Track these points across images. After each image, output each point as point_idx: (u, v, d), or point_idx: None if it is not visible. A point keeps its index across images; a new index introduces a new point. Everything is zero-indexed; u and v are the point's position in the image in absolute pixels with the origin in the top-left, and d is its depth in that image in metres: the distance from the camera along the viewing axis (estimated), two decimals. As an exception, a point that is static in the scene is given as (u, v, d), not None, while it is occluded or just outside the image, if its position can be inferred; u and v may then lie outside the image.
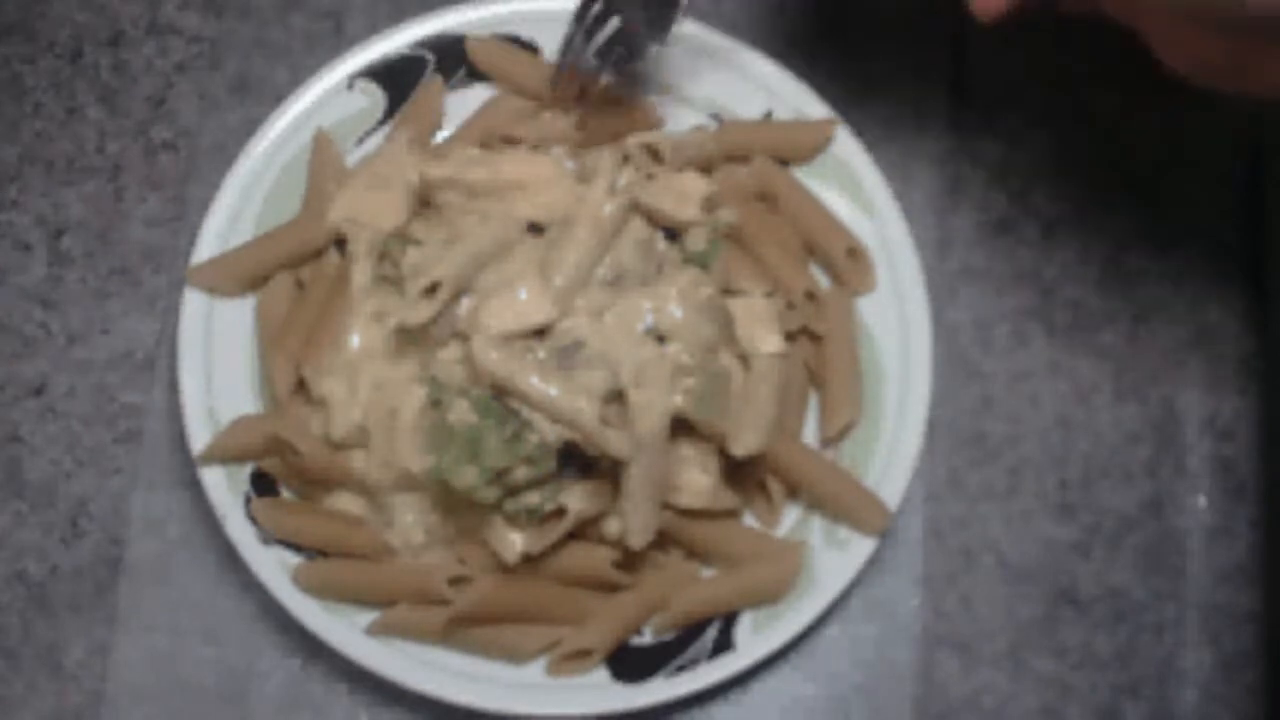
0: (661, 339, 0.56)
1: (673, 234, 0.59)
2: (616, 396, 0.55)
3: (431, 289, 0.56)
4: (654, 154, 0.60)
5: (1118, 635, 0.62)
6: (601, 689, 0.57)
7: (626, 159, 0.60)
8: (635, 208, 0.58)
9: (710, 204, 0.59)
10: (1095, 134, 0.66)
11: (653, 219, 0.59)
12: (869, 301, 0.61)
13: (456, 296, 0.57)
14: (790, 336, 0.59)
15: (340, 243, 0.61)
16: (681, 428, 0.56)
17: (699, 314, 0.57)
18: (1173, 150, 0.66)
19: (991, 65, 0.67)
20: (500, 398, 0.54)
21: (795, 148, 0.62)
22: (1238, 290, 0.65)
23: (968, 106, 0.67)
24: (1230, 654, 0.61)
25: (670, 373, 0.55)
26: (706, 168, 0.61)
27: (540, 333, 0.56)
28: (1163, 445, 0.63)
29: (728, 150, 0.62)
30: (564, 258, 0.56)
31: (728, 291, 0.59)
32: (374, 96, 0.63)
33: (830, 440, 0.60)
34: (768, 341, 0.58)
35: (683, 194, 0.59)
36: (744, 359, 0.58)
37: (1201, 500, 0.63)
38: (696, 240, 0.59)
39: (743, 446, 0.56)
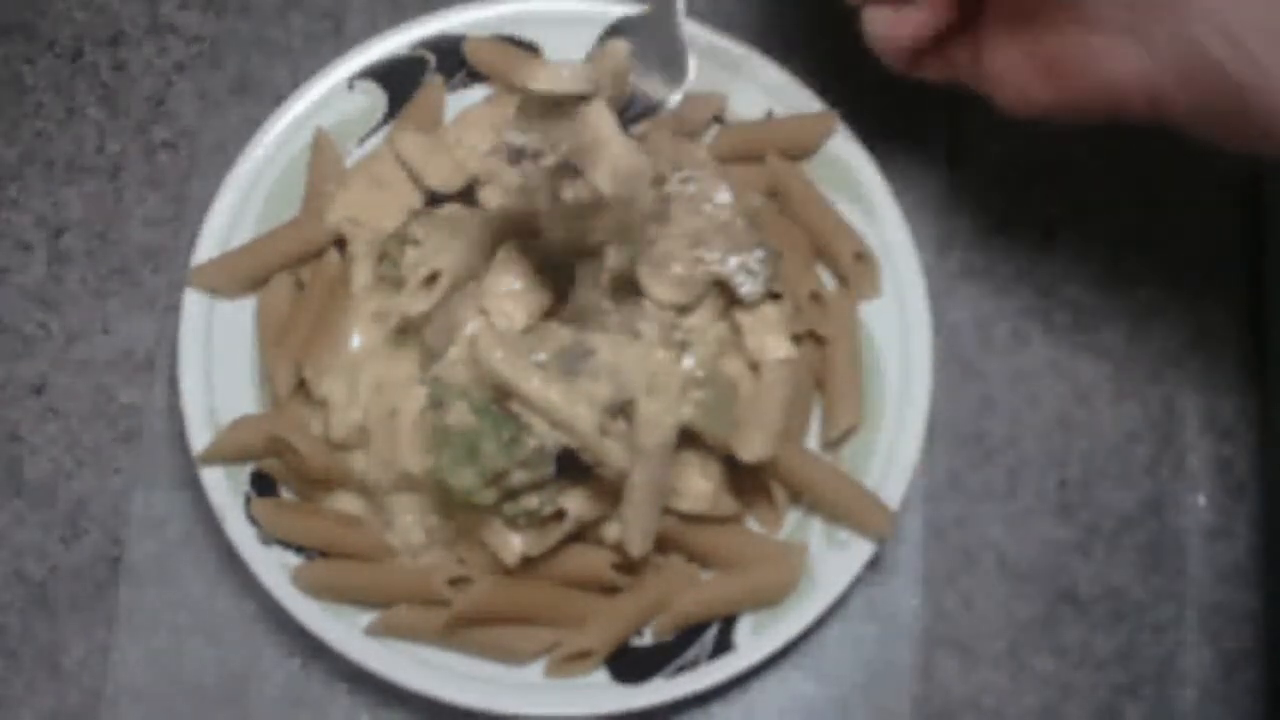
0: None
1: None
2: (619, 409, 0.55)
3: (431, 279, 0.56)
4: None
5: (1118, 635, 0.62)
6: (601, 690, 0.57)
7: None
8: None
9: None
10: (1095, 134, 0.66)
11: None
12: (869, 302, 0.61)
13: (456, 288, 0.57)
14: (795, 340, 0.59)
15: (340, 243, 0.61)
16: (685, 435, 0.56)
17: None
18: (1173, 151, 0.66)
19: (992, 65, 0.67)
20: (500, 400, 0.54)
21: (797, 144, 0.62)
22: (1238, 290, 0.65)
23: (968, 106, 0.66)
24: (1230, 654, 0.61)
25: (681, 384, 0.55)
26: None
27: (551, 335, 0.56)
28: (1163, 445, 0.63)
29: (730, 151, 0.62)
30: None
31: (735, 301, 0.59)
32: (374, 97, 0.63)
33: (832, 444, 0.60)
34: (777, 348, 0.58)
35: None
36: (753, 366, 0.58)
37: (1201, 500, 0.63)
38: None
39: (752, 452, 0.56)
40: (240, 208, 0.61)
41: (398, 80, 0.63)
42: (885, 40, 0.54)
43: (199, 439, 0.58)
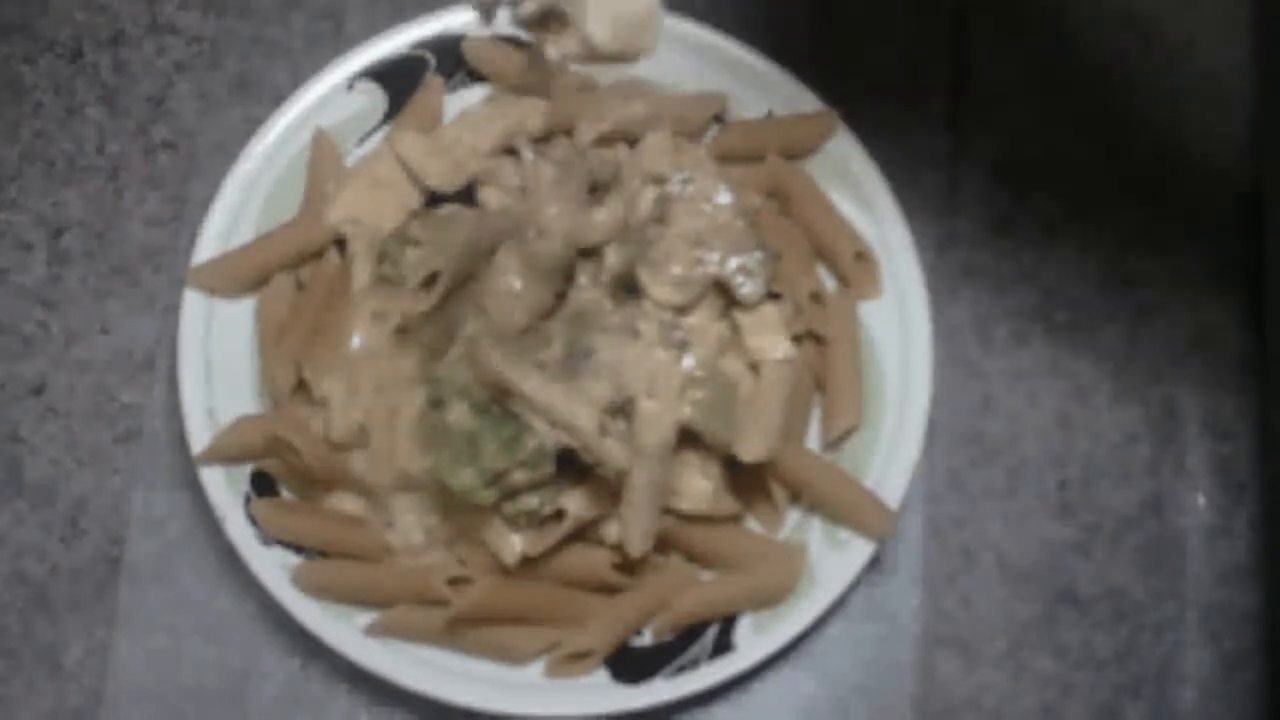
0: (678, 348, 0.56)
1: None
2: (619, 409, 0.55)
3: (431, 279, 0.56)
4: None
5: (1118, 635, 0.62)
6: (601, 690, 0.57)
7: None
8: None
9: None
10: (1095, 134, 0.66)
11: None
12: (869, 303, 0.61)
13: (456, 289, 0.57)
14: (795, 340, 0.59)
15: (340, 243, 0.61)
16: (685, 435, 0.56)
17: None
18: (1173, 150, 0.66)
19: (991, 65, 0.67)
20: (501, 400, 0.54)
21: (797, 144, 0.62)
22: (1238, 290, 0.65)
23: (968, 106, 0.67)
24: (1230, 653, 0.61)
25: (680, 384, 0.55)
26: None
27: (551, 335, 0.56)
28: (1163, 445, 0.63)
29: (730, 151, 0.62)
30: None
31: (735, 302, 0.59)
32: (374, 97, 0.63)
33: (832, 444, 0.60)
34: (777, 348, 0.58)
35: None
36: (753, 365, 0.58)
37: (1201, 500, 0.63)
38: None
39: (751, 452, 0.56)
40: (240, 208, 0.61)
41: (397, 80, 0.63)
42: None
43: (199, 439, 0.58)
